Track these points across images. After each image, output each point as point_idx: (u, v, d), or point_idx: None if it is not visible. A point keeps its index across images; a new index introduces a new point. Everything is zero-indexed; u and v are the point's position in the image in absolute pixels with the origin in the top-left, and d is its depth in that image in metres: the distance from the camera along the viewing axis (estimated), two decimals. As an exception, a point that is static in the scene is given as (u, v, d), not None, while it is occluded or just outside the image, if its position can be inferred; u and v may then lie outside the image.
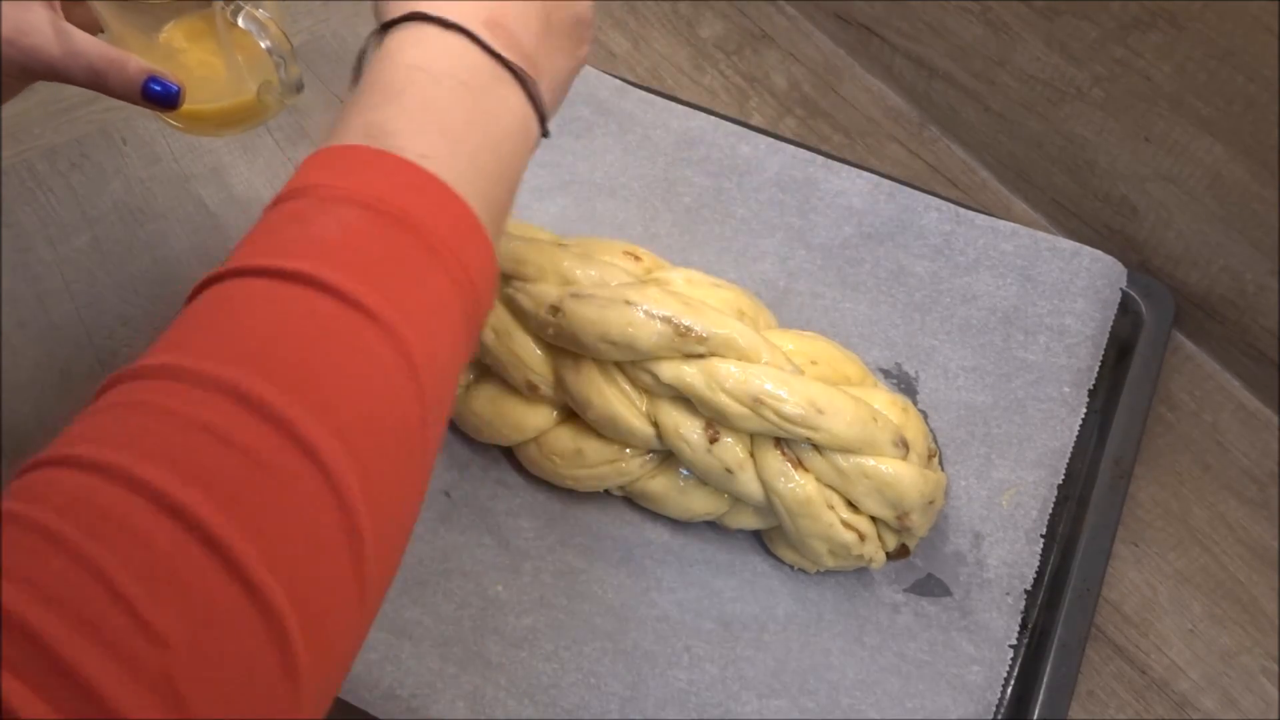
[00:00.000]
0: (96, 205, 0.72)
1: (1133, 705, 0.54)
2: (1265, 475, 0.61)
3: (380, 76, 0.38)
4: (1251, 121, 0.57)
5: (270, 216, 0.36)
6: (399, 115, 0.36)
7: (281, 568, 0.28)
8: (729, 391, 0.51)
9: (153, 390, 0.31)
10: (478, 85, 0.38)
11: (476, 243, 0.36)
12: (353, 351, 0.32)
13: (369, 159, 0.35)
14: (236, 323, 0.32)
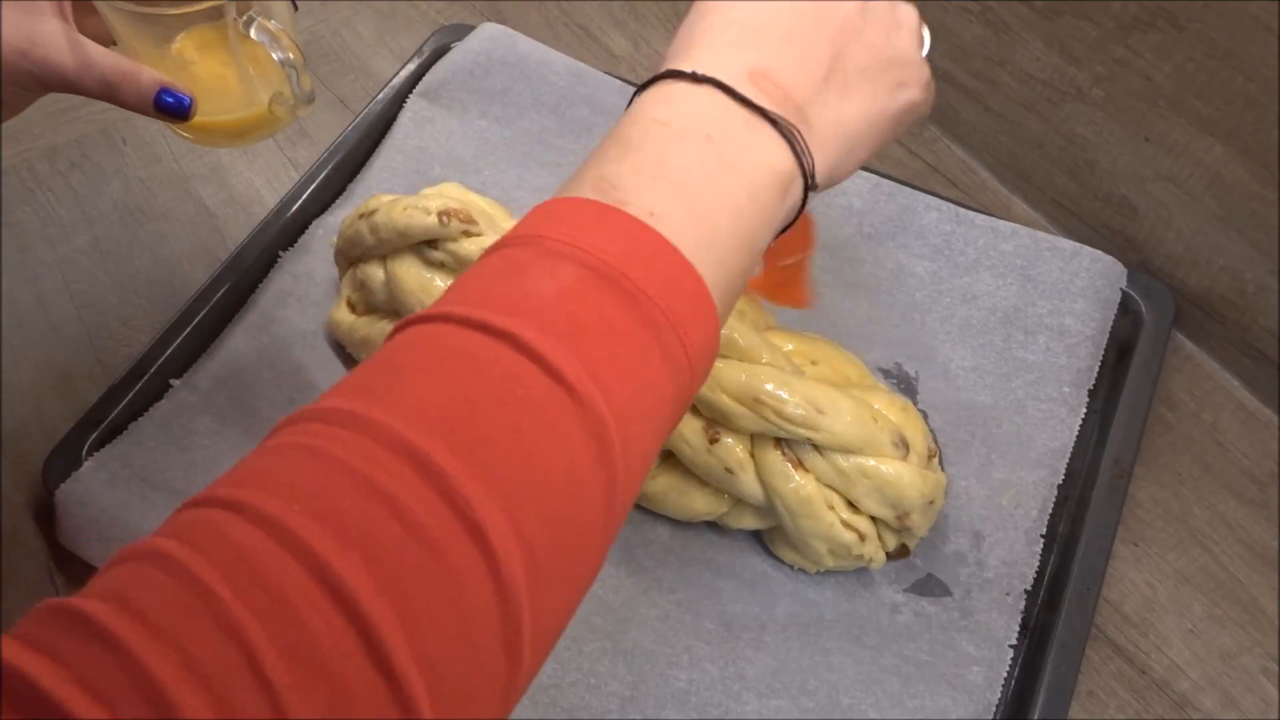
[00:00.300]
0: (96, 205, 0.72)
1: (1133, 705, 0.54)
2: (1265, 475, 0.61)
3: (621, 132, 0.37)
4: (1251, 121, 0.57)
5: (489, 260, 0.34)
6: (632, 170, 0.35)
7: (428, 662, 0.27)
8: (729, 391, 0.51)
9: (333, 439, 0.29)
10: (724, 137, 0.36)
11: (701, 317, 0.34)
12: (545, 429, 0.30)
13: (595, 214, 0.34)
14: (431, 376, 0.31)
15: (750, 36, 0.38)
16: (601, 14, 0.84)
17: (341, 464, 0.28)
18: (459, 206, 0.55)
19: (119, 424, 0.58)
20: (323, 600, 0.26)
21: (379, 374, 0.32)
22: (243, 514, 0.27)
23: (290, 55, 0.49)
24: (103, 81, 0.46)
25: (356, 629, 0.26)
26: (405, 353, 0.32)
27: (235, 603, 0.25)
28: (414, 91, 0.73)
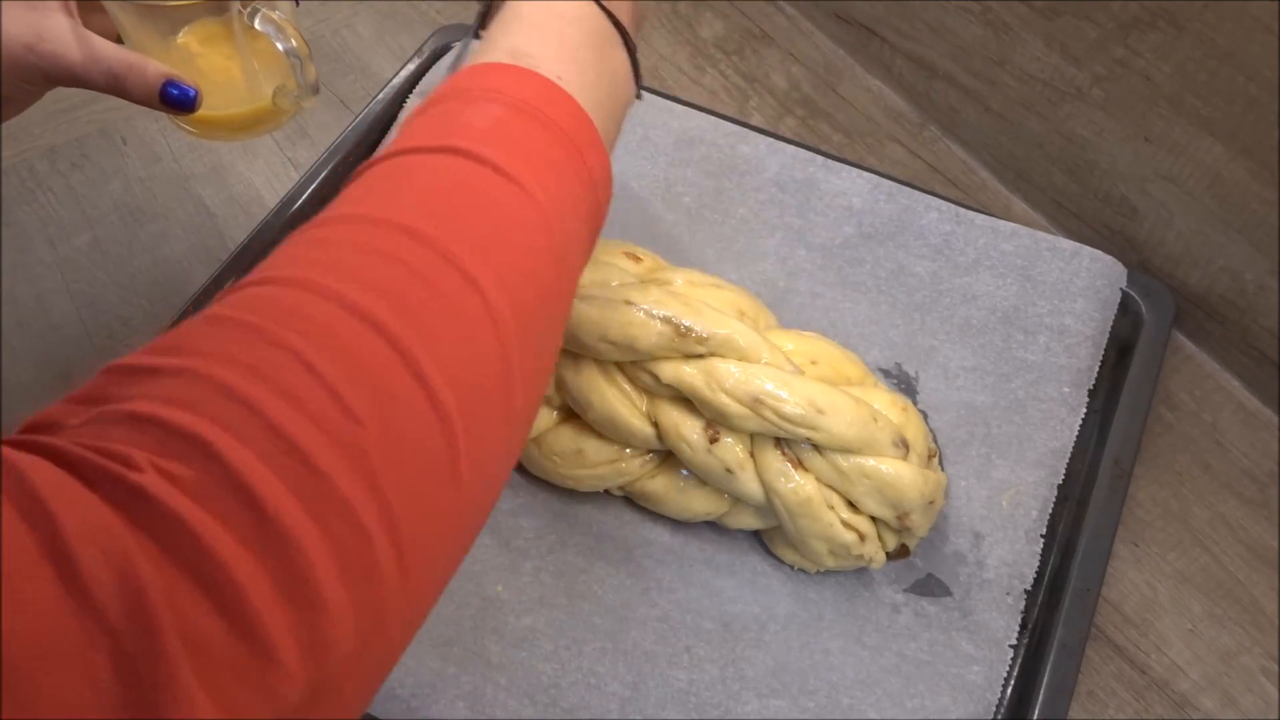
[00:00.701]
0: (96, 205, 0.72)
1: (1133, 705, 0.54)
2: (1265, 475, 0.61)
3: (521, 13, 0.43)
4: (1251, 121, 0.57)
5: (421, 117, 0.40)
6: (540, 43, 0.41)
7: (450, 376, 0.30)
8: (729, 392, 0.51)
9: (330, 229, 0.34)
10: (601, 31, 0.44)
11: (598, 152, 0.41)
12: (504, 210, 0.36)
13: (512, 73, 0.40)
14: (399, 185, 0.36)
15: None
16: (601, 14, 0.84)
17: (344, 241, 0.33)
18: None
19: (119, 424, 0.58)
20: (356, 323, 0.29)
21: (355, 193, 0.36)
22: (268, 283, 0.31)
23: (295, 45, 0.49)
24: (109, 74, 0.46)
25: (388, 342, 0.29)
26: (372, 178, 0.37)
27: (279, 329, 0.29)
28: (414, 91, 0.73)
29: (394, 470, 0.28)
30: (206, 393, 0.27)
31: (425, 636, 0.52)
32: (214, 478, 0.25)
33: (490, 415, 0.32)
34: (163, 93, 0.48)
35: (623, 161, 0.70)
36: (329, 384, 0.28)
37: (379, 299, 0.30)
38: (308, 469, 0.26)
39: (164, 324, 0.62)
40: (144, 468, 0.25)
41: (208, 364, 0.28)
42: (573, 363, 0.54)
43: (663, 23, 0.84)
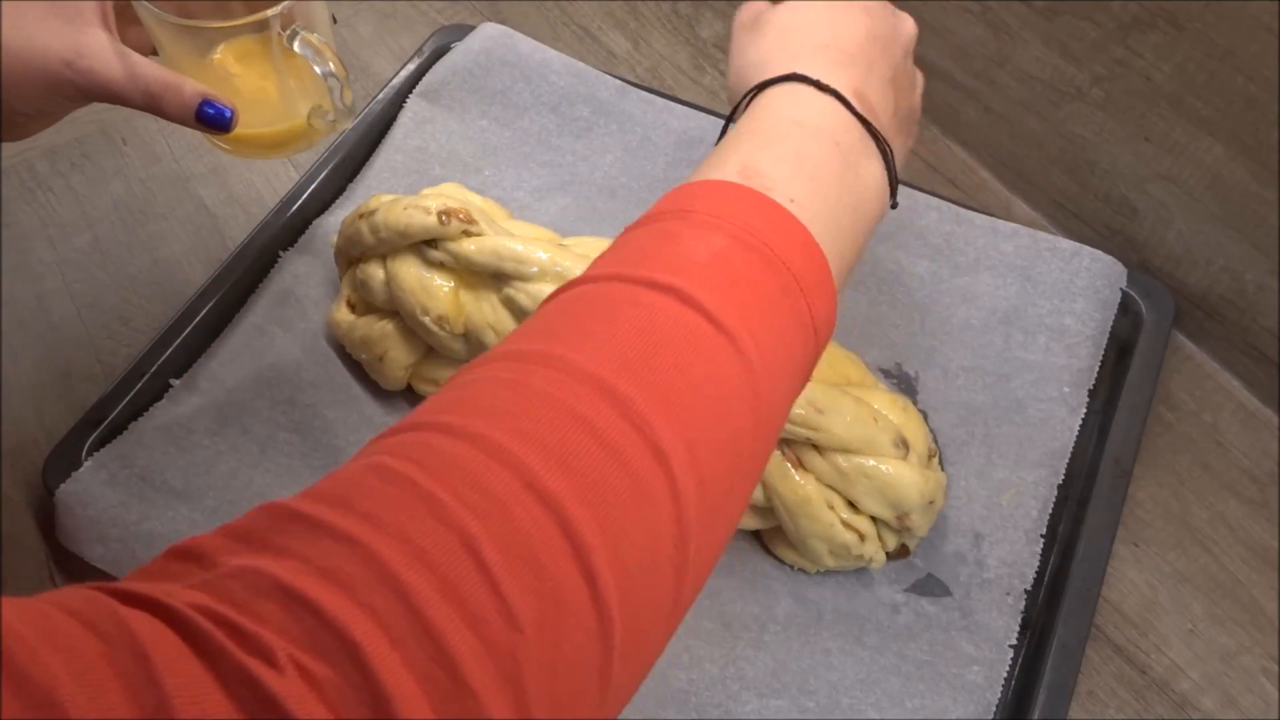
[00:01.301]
0: (96, 205, 0.72)
1: (1133, 705, 0.54)
2: (1265, 475, 0.61)
3: (759, 125, 0.41)
4: (1251, 121, 0.57)
5: (638, 233, 0.38)
6: (774, 161, 0.38)
7: (620, 570, 0.28)
8: (729, 391, 0.50)
9: (522, 372, 0.32)
10: (848, 145, 0.40)
11: (825, 293, 0.37)
12: (709, 364, 0.33)
13: (741, 195, 0.37)
14: (601, 322, 0.33)
15: (845, 60, 0.43)
16: (601, 14, 0.84)
17: (537, 391, 0.30)
18: (459, 206, 0.55)
19: (119, 424, 0.58)
20: (532, 503, 0.28)
21: (556, 321, 0.34)
22: (450, 433, 0.29)
23: (333, 68, 0.49)
24: (146, 93, 0.46)
25: (562, 530, 0.27)
26: (576, 305, 0.35)
27: (453, 502, 0.27)
28: (414, 91, 0.73)
29: (544, 683, 0.27)
30: (367, 574, 0.25)
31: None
32: (354, 684, 0.24)
33: (654, 612, 0.30)
34: (199, 112, 0.47)
35: (623, 161, 0.70)
36: (494, 579, 0.26)
37: (565, 478, 0.28)
38: (455, 683, 0.25)
39: (164, 324, 0.62)
40: (284, 666, 0.24)
41: (374, 535, 0.26)
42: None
43: (663, 22, 0.84)
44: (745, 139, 0.40)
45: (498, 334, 0.55)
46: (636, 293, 0.34)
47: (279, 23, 0.48)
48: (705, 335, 0.33)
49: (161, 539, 0.53)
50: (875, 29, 0.44)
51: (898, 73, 0.45)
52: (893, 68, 0.45)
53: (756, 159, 0.38)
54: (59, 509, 0.55)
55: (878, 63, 0.44)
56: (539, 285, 0.54)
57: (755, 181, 0.37)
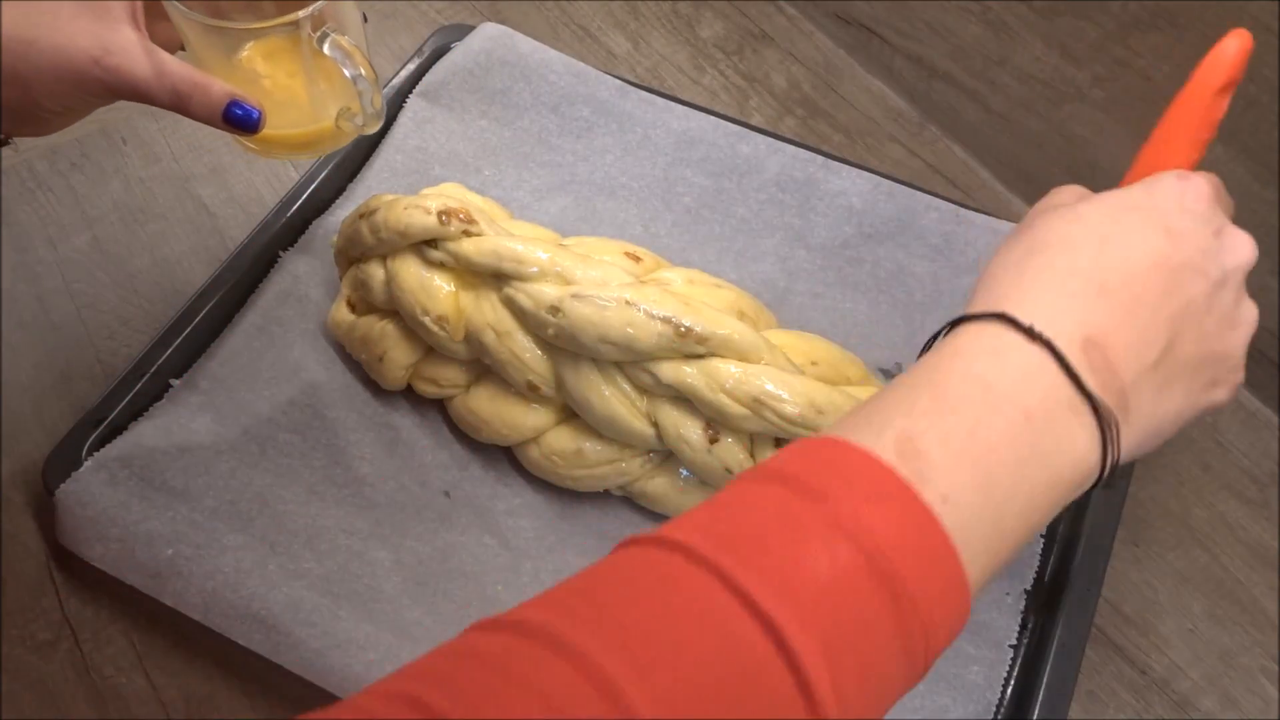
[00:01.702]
0: (96, 205, 0.72)
1: (1133, 705, 0.54)
2: (1265, 475, 0.61)
3: (938, 375, 0.34)
4: (1251, 121, 0.57)
5: (768, 497, 0.32)
6: (940, 440, 0.32)
7: None
8: (729, 392, 0.51)
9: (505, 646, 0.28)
10: (1043, 416, 0.33)
11: (953, 622, 0.32)
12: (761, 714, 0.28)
13: (889, 488, 0.31)
14: (666, 623, 0.28)
15: (1094, 292, 0.35)
16: (601, 14, 0.84)
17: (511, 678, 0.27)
18: (459, 206, 0.56)
19: (119, 424, 0.58)
20: None
21: (608, 592, 0.30)
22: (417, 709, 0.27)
23: (363, 72, 0.49)
24: (174, 92, 0.46)
25: None
26: (651, 584, 0.30)
27: None
28: (414, 91, 0.73)
29: None
30: None
31: (425, 637, 0.52)
32: None
33: None
34: (226, 113, 0.47)
35: (623, 161, 0.70)
36: None
37: None
38: None
39: (164, 324, 0.62)
40: None
41: None
42: (572, 363, 0.54)
43: (663, 22, 0.84)
44: (920, 393, 0.34)
45: (498, 334, 0.55)
46: (726, 607, 0.28)
47: (309, 24, 0.48)
48: (783, 692, 0.28)
49: (161, 539, 0.53)
50: (1171, 255, 0.36)
51: (1193, 309, 0.36)
52: (1184, 304, 0.36)
53: (921, 432, 0.32)
54: (59, 509, 0.55)
55: (1152, 300, 0.36)
56: (539, 285, 0.54)
57: (911, 465, 0.31)
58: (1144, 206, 0.38)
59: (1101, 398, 0.34)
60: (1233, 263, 0.38)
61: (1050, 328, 0.34)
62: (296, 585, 0.52)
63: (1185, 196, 0.38)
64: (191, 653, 0.55)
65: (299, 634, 0.51)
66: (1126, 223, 0.37)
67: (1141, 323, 0.36)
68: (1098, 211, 0.38)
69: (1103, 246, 0.36)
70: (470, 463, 0.59)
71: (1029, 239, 0.38)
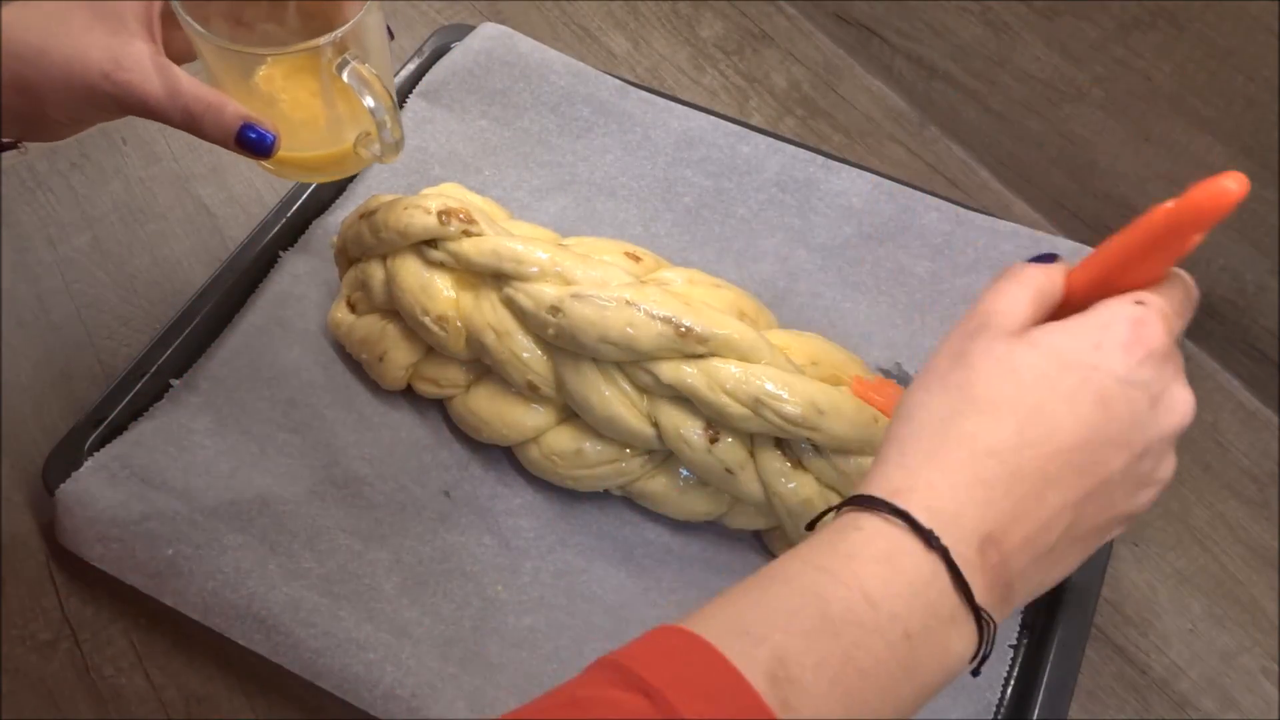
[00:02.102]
0: (96, 205, 0.72)
1: (1133, 705, 0.54)
2: (1265, 475, 0.61)
3: (824, 586, 0.33)
4: (1251, 121, 0.57)
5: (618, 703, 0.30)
6: (815, 665, 0.31)
7: None
8: (729, 392, 0.51)
9: None
10: (923, 634, 0.33)
11: None
12: None
13: (754, 715, 0.30)
14: None
15: (1007, 478, 0.34)
16: (601, 14, 0.84)
17: None
18: (459, 206, 0.55)
19: (119, 424, 0.58)
20: None
21: None
22: None
23: (382, 104, 0.47)
24: (185, 112, 0.45)
25: None
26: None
27: None
28: (414, 91, 0.73)
29: None
30: None
31: (425, 637, 0.52)
32: None
33: None
34: (239, 136, 0.46)
35: (623, 161, 0.70)
36: None
37: None
38: None
39: (164, 324, 0.62)
40: None
41: None
42: (572, 363, 0.54)
43: (663, 22, 0.84)
44: (805, 606, 0.32)
45: (498, 334, 0.55)
46: None
47: (331, 50, 0.46)
48: None
49: (161, 539, 0.53)
50: (1098, 430, 0.35)
51: (1107, 485, 0.35)
52: (1099, 481, 0.35)
53: (796, 656, 0.31)
54: (59, 509, 0.55)
55: (1064, 481, 0.35)
56: (539, 285, 0.54)
57: (780, 691, 0.30)
58: (1085, 365, 0.35)
59: (986, 605, 0.33)
60: (1164, 430, 0.37)
61: (951, 526, 0.33)
62: (296, 585, 0.52)
63: (1133, 356, 0.36)
64: (191, 653, 0.55)
65: (299, 634, 0.51)
66: (1061, 388, 0.35)
67: (1048, 511, 0.34)
68: (1035, 368, 0.36)
69: (1029, 420, 0.35)
70: (470, 463, 0.59)
71: (959, 388, 0.36)
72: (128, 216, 0.72)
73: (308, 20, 0.50)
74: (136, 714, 0.53)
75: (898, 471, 0.35)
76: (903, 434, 0.36)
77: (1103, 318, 0.37)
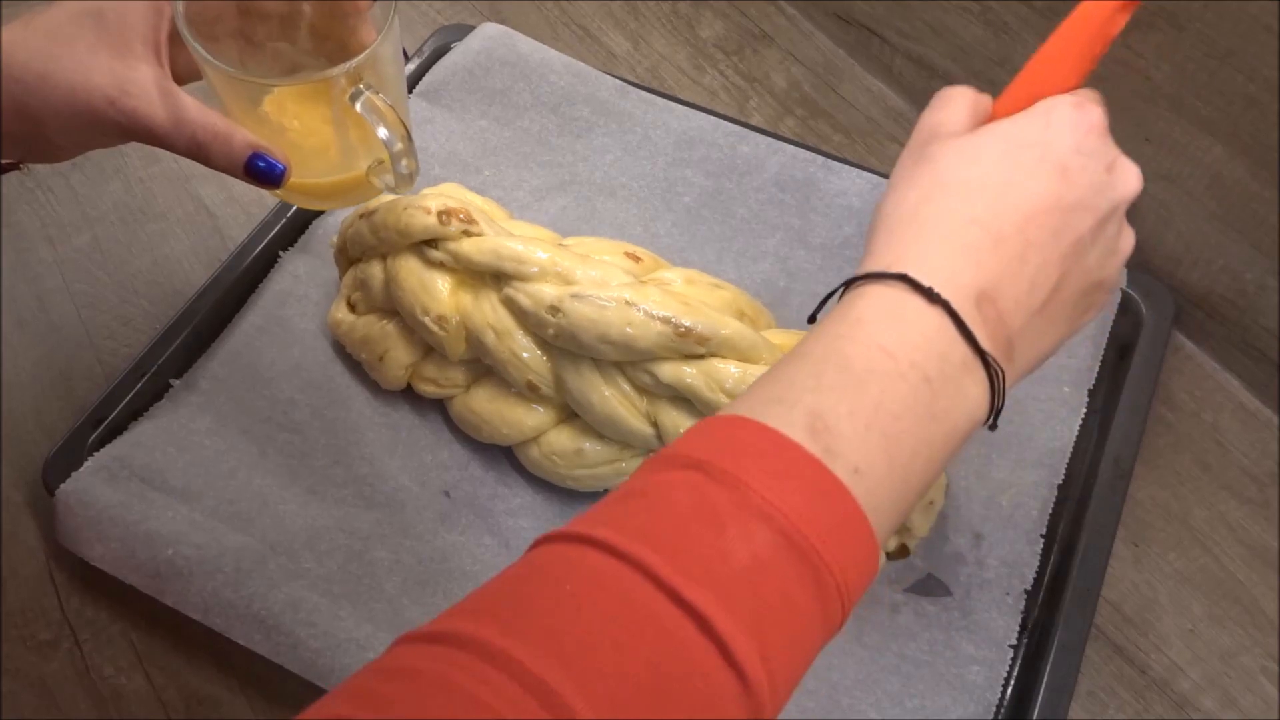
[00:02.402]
0: (96, 205, 0.72)
1: (1133, 705, 0.54)
2: (1265, 475, 0.61)
3: (843, 346, 0.35)
4: (1251, 121, 0.57)
5: (681, 489, 0.32)
6: (848, 413, 0.33)
7: None
8: (729, 392, 0.51)
9: (453, 664, 0.28)
10: (941, 378, 0.35)
11: (865, 580, 0.33)
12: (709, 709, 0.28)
13: (802, 466, 0.32)
14: (603, 625, 0.28)
15: (990, 243, 0.36)
16: (601, 14, 0.84)
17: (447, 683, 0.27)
18: (459, 206, 0.55)
19: (119, 424, 0.58)
20: None
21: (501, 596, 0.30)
22: None
23: (396, 135, 0.46)
24: (192, 140, 0.44)
25: None
26: (576, 584, 0.30)
27: None
28: (414, 91, 0.73)
29: None
30: None
31: (425, 636, 0.52)
32: None
33: None
34: (249, 165, 0.45)
35: (623, 161, 0.70)
36: None
37: None
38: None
39: (164, 324, 0.62)
40: None
41: None
42: (572, 363, 0.54)
43: (663, 22, 0.84)
44: (827, 366, 0.34)
45: (497, 334, 0.55)
46: (656, 605, 0.29)
47: (344, 80, 0.44)
48: (716, 677, 0.29)
49: (161, 539, 0.53)
50: (1063, 196, 0.38)
51: (1080, 247, 0.38)
52: (1072, 243, 0.38)
53: (829, 408, 0.33)
54: (59, 509, 0.55)
55: (1041, 243, 0.37)
56: (539, 285, 0.54)
57: (821, 441, 0.32)
58: (1039, 143, 0.38)
59: (992, 354, 0.36)
60: (1120, 195, 0.40)
61: (948, 285, 0.35)
62: (296, 585, 0.52)
63: (1079, 130, 0.39)
64: (191, 653, 0.55)
65: (299, 634, 0.51)
66: (1023, 162, 0.38)
67: (1032, 269, 0.37)
68: (994, 149, 0.38)
69: (1000, 192, 0.37)
70: (470, 463, 0.59)
71: (929, 178, 0.38)
72: (128, 216, 0.72)
73: (321, 42, 0.49)
74: (136, 714, 0.53)
75: (887, 253, 0.37)
76: (882, 226, 0.38)
77: (1045, 106, 0.39)
